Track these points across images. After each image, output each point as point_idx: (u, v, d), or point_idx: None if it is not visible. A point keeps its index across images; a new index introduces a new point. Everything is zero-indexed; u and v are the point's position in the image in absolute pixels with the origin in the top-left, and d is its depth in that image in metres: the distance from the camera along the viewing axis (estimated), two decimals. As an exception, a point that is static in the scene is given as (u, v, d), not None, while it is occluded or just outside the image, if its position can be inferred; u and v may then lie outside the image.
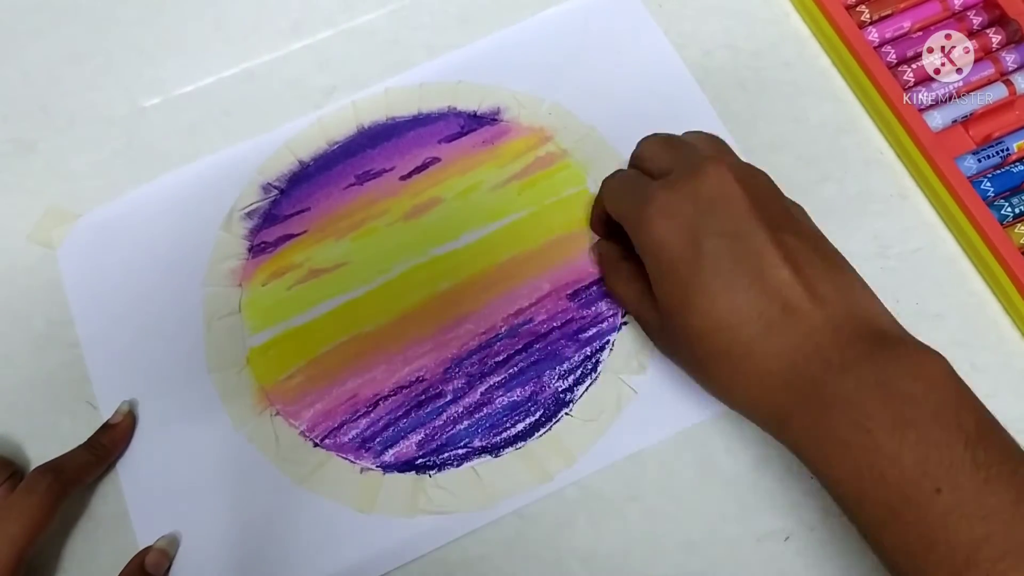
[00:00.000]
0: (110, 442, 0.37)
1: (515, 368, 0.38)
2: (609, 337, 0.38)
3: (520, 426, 0.37)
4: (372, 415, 0.37)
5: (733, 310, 0.28)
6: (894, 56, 0.42)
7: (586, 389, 0.37)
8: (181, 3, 0.47)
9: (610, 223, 0.35)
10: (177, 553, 0.35)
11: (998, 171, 0.39)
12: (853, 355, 0.27)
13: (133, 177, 0.43)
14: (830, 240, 0.31)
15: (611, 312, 0.38)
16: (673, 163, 0.32)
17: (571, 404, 0.37)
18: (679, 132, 0.35)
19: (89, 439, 0.37)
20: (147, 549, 0.35)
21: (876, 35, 0.42)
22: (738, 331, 0.28)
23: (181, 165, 0.43)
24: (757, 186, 0.30)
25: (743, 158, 0.41)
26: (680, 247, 0.29)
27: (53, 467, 0.35)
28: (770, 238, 0.28)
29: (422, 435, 0.37)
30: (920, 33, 0.42)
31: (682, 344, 0.30)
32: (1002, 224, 0.37)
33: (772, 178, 0.32)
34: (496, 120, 0.43)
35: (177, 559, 0.35)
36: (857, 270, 0.30)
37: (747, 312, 0.28)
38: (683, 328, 0.29)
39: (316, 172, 0.42)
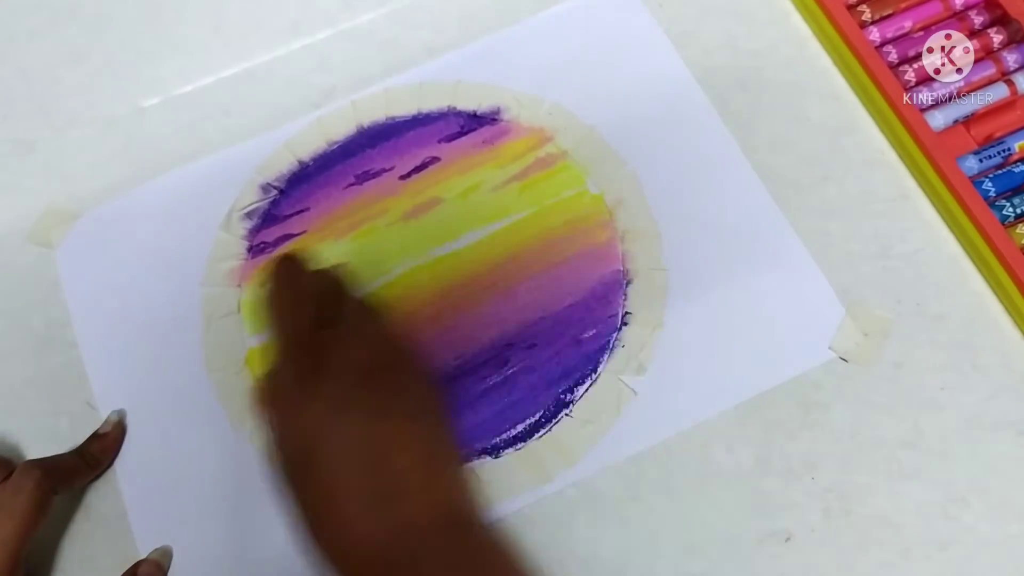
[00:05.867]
0: (100, 451, 0.37)
1: (515, 369, 0.38)
2: (609, 338, 0.38)
3: (520, 427, 0.37)
4: (371, 416, 0.37)
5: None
6: (895, 56, 0.41)
7: (586, 390, 0.37)
8: (180, 3, 0.47)
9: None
10: (173, 560, 0.35)
11: (1000, 171, 0.39)
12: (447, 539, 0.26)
13: (132, 177, 0.43)
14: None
15: (611, 313, 0.38)
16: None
17: (571, 405, 0.37)
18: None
19: (79, 447, 0.36)
20: (141, 561, 0.35)
21: (877, 35, 0.42)
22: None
23: (180, 165, 0.43)
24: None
25: (743, 158, 0.41)
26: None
27: (42, 464, 0.34)
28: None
29: (421, 436, 0.37)
30: (922, 33, 0.42)
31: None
32: (1003, 224, 0.37)
33: None
34: (496, 120, 0.43)
35: (177, 559, 0.35)
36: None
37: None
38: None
39: (316, 172, 0.42)
